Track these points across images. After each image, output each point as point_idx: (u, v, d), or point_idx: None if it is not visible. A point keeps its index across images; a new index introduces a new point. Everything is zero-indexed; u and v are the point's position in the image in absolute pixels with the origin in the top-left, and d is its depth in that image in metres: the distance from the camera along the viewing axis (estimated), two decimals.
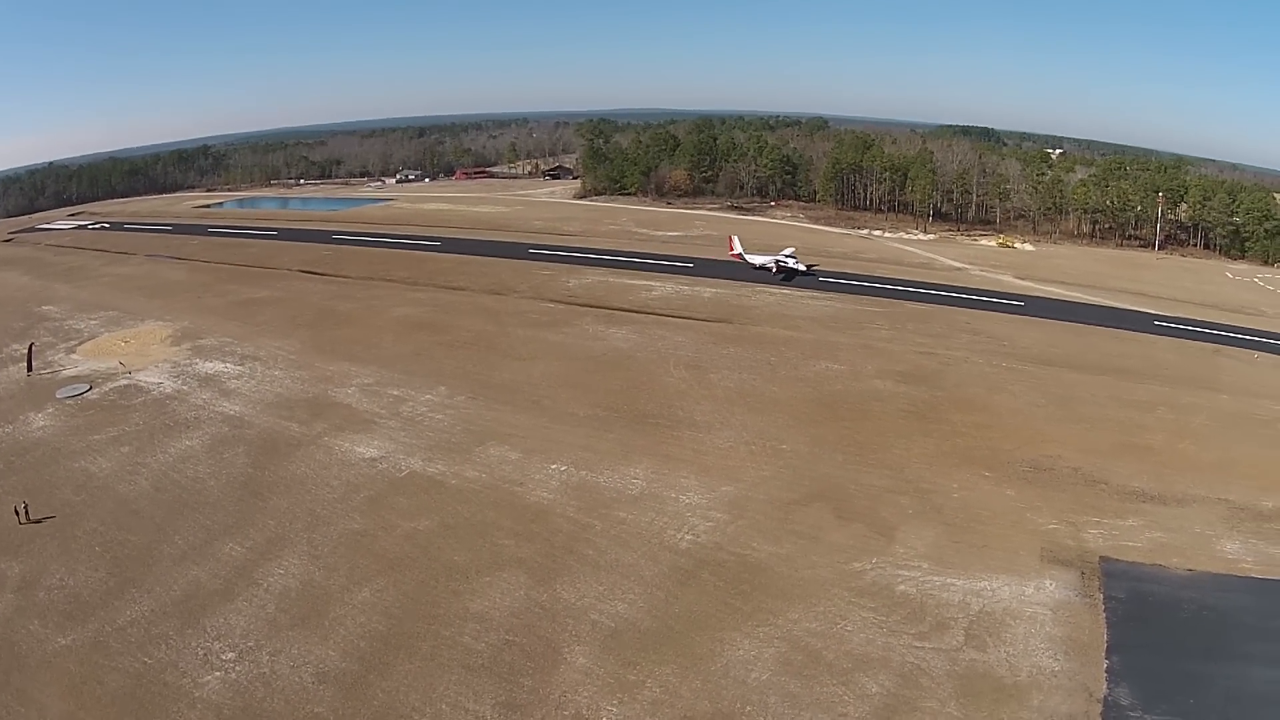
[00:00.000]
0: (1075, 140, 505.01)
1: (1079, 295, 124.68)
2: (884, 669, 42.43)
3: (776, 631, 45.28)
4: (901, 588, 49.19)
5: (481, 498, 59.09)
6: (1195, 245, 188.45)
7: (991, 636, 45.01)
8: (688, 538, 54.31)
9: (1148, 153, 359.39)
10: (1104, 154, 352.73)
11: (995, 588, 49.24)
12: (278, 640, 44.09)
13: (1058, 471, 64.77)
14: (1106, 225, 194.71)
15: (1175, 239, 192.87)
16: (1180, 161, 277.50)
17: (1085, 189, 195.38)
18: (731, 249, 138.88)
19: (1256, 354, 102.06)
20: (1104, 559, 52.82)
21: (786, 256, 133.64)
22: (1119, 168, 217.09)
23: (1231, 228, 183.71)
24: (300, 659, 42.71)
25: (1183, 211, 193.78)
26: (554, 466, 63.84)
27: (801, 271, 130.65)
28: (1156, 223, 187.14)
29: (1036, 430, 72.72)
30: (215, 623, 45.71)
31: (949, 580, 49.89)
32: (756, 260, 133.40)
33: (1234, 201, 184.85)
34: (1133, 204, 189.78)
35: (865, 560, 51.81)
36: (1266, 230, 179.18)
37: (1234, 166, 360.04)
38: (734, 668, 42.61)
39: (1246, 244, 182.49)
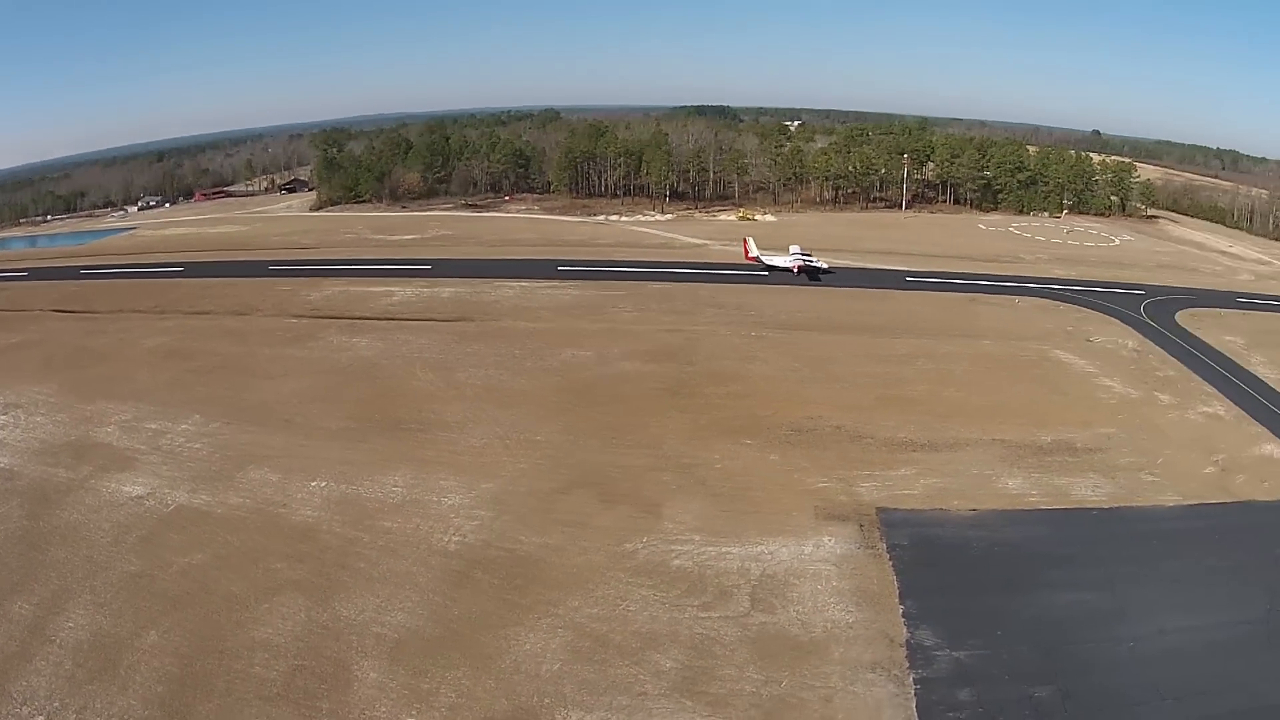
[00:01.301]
0: (816, 111, 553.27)
1: (826, 260, 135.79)
2: (674, 644, 45.06)
3: (559, 621, 47.50)
4: (677, 562, 52.08)
5: (248, 524, 61.19)
6: (945, 202, 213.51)
7: (778, 598, 48.65)
8: (455, 539, 56.50)
9: (892, 117, 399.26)
10: (845, 122, 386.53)
11: (773, 550, 53.23)
12: (80, 697, 45.40)
13: (820, 431, 70.94)
14: (850, 190, 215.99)
15: (924, 197, 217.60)
16: (925, 123, 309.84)
17: (826, 157, 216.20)
18: (747, 253, 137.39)
19: (1017, 299, 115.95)
20: (881, 510, 58.44)
21: (804, 255, 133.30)
22: (861, 134, 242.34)
23: (983, 181, 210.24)
24: (105, 712, 44.03)
25: (930, 170, 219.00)
26: (314, 484, 65.95)
27: (825, 270, 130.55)
28: (903, 183, 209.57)
29: (793, 394, 79.39)
30: (19, 687, 46.51)
31: (724, 549, 53.41)
32: (776, 261, 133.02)
33: (984, 156, 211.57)
34: (876, 167, 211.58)
35: (636, 540, 54.61)
36: (1019, 181, 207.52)
37: (981, 123, 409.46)
38: (524, 662, 44.46)
39: (1000, 196, 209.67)
